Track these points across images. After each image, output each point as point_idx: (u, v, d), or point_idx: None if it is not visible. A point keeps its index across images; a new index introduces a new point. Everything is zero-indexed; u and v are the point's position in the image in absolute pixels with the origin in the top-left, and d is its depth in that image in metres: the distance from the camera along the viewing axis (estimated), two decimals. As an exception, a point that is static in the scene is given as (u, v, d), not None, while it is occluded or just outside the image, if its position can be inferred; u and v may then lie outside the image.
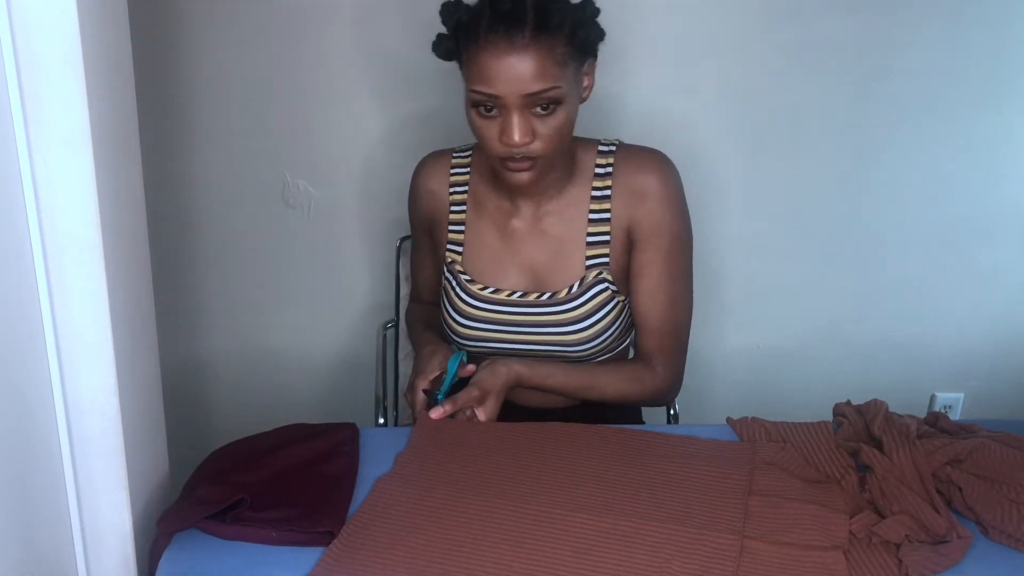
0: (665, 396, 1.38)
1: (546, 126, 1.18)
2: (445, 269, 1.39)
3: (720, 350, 2.02)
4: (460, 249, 1.38)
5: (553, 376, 1.31)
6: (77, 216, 0.91)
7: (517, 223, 1.35)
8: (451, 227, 1.39)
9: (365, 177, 1.86)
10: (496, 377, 1.26)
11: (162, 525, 1.00)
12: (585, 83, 1.25)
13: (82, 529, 1.03)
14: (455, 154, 1.40)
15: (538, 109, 1.17)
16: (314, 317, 1.98)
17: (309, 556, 0.97)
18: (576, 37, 1.17)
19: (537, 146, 1.19)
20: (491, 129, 1.19)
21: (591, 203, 1.32)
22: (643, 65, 1.78)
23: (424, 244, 1.47)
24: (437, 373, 1.29)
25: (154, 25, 1.71)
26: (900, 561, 0.96)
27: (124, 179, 0.98)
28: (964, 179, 1.91)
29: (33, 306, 0.93)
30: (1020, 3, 1.77)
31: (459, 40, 1.18)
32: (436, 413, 1.21)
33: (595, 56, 1.25)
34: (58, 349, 0.95)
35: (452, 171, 1.39)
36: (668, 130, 1.82)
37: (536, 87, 1.14)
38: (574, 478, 1.09)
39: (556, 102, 1.17)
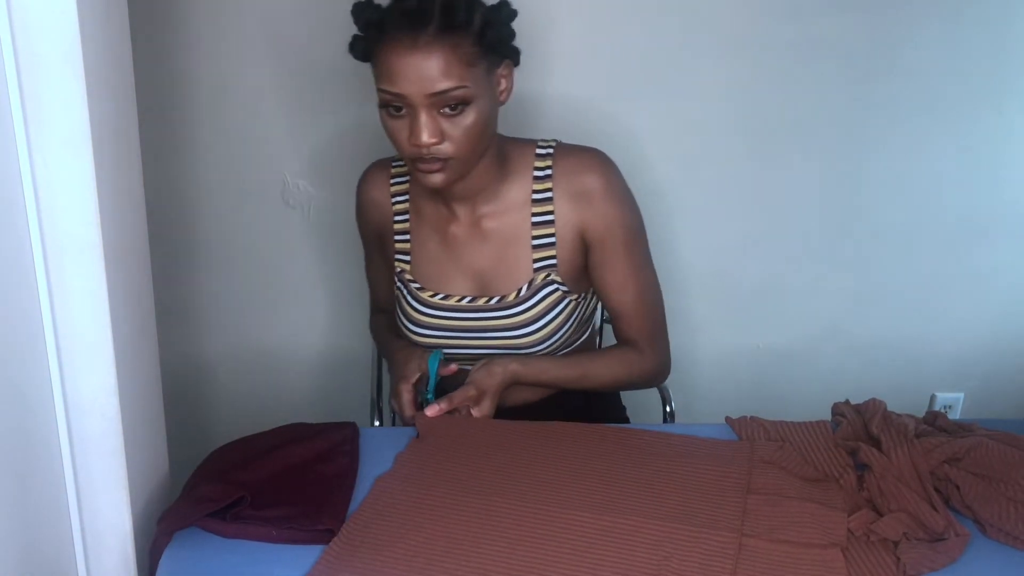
0: (656, 376, 1.39)
1: (455, 127, 1.16)
2: (396, 279, 1.38)
3: (720, 350, 2.02)
4: (408, 258, 1.37)
5: (547, 372, 1.31)
6: (77, 216, 0.91)
7: (456, 228, 1.33)
8: (397, 236, 1.37)
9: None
10: (492, 377, 1.27)
11: (162, 524, 1.00)
12: (502, 85, 1.22)
13: (82, 529, 1.03)
14: (395, 163, 1.38)
15: (446, 109, 1.15)
16: (314, 317, 1.98)
17: (309, 554, 0.97)
18: (485, 37, 1.15)
19: (447, 147, 1.17)
20: (401, 130, 1.17)
21: (533, 206, 1.30)
22: (643, 64, 1.78)
23: (376, 255, 1.46)
24: (418, 375, 1.29)
25: (154, 25, 1.71)
26: (898, 559, 0.96)
27: (124, 179, 0.98)
28: (963, 179, 1.90)
29: (33, 306, 0.93)
30: (1020, 3, 1.77)
31: (369, 40, 1.16)
32: (432, 411, 1.21)
33: (513, 59, 1.23)
34: (58, 349, 0.96)
35: (392, 181, 1.38)
36: (669, 131, 1.82)
37: (441, 86, 1.12)
38: (574, 476, 1.09)
39: (464, 102, 1.15)
